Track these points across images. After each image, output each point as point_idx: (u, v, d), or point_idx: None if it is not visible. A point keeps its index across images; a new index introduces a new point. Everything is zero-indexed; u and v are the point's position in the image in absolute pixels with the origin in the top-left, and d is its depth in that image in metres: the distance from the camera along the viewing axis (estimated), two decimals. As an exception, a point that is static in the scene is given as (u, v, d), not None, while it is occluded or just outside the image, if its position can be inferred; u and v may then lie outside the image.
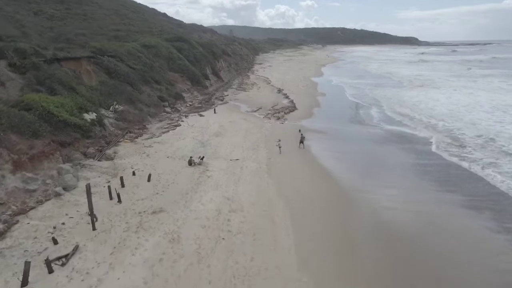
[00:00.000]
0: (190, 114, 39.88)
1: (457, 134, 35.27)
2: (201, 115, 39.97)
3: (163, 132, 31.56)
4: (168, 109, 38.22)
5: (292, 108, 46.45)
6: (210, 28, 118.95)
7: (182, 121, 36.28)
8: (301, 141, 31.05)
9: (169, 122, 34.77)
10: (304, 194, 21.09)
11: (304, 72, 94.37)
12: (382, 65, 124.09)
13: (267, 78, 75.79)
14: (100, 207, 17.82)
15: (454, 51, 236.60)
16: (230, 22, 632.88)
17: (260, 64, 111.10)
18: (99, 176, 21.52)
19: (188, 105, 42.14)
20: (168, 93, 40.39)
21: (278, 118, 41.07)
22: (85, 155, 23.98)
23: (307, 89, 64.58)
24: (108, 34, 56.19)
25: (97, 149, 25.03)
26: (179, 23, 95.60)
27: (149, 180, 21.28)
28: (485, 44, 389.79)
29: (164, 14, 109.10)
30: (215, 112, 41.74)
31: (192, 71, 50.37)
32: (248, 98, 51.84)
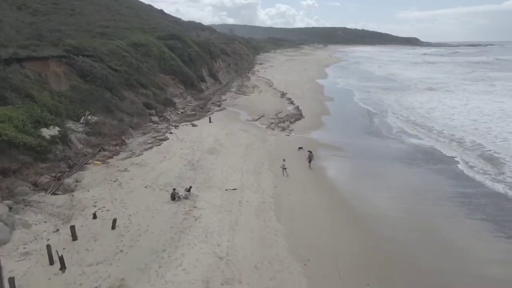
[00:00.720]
0: (181, 124, 34.09)
1: (492, 153, 29.38)
2: (194, 125, 34.17)
3: (146, 149, 25.72)
4: (155, 118, 32.39)
5: (299, 116, 40.64)
6: (209, 26, 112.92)
7: (171, 133, 30.46)
8: (309, 160, 25.37)
9: (155, 135, 28.95)
10: (325, 247, 15.32)
11: (307, 73, 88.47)
12: (387, 66, 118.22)
13: (269, 80, 69.89)
14: (32, 280, 12.01)
15: (456, 52, 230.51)
16: (231, 21, 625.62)
17: (261, 64, 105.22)
18: (45, 221, 15.67)
19: (179, 112, 36.32)
20: (156, 99, 34.57)
21: (283, 129, 35.26)
22: (36, 185, 18.13)
23: (313, 93, 58.75)
24: (94, 31, 50.29)
25: (54, 176, 19.19)
26: (176, 20, 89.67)
27: (113, 227, 15.44)
28: (485, 45, 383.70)
29: (161, 11, 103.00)
30: (210, 121, 35.94)
31: (186, 73, 44.52)
32: (249, 103, 45.99)
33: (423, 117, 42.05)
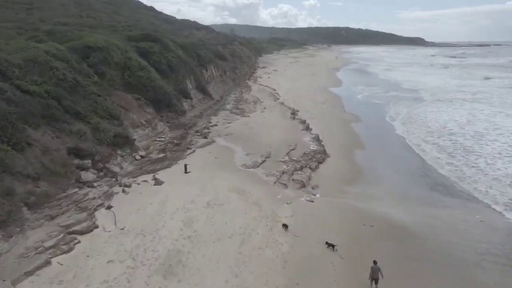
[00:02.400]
0: (137, 180, 20.44)
1: None
2: (157, 182, 20.47)
3: (28, 273, 11.99)
4: (89, 175, 18.78)
5: (321, 154, 26.84)
6: (207, 26, 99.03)
7: (109, 207, 16.82)
8: (373, 279, 12.67)
9: (72, 219, 15.21)
10: None
11: (318, 79, 74.46)
12: (401, 70, 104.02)
13: (274, 90, 55.95)
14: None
15: (463, 53, 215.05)
16: (232, 21, 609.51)
17: (264, 68, 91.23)
18: None
19: (139, 156, 22.66)
20: (99, 138, 20.93)
21: (302, 185, 21.48)
22: None
23: (331, 109, 44.91)
24: (41, 29, 36.59)
25: None
26: (166, 18, 75.95)
27: None
28: (490, 45, 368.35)
29: (151, 8, 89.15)
30: (186, 171, 22.24)
31: (160, 88, 30.69)
32: (248, 130, 32.12)
33: (493, 158, 28.13)
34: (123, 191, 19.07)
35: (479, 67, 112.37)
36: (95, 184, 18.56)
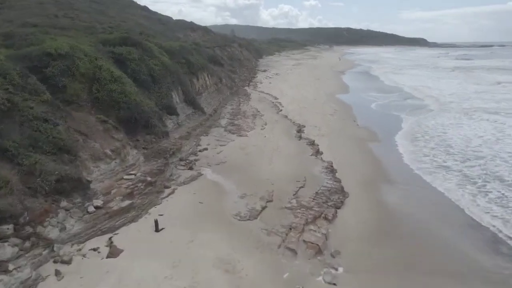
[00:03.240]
0: (86, 245, 14.25)
1: None
2: (111, 249, 14.27)
3: None
4: (7, 248, 12.60)
5: (338, 194, 20.52)
6: (205, 26, 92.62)
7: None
8: None
9: None
10: None
11: (323, 84, 68.11)
12: (409, 73, 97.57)
13: (276, 98, 49.61)
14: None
15: (465, 54, 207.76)
16: (233, 21, 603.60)
17: (265, 71, 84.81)
18: None
19: (93, 207, 16.47)
20: (32, 185, 14.67)
21: (317, 252, 15.20)
22: None
23: (342, 123, 38.50)
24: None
25: None
26: (160, 19, 69.64)
27: None
28: (493, 46, 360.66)
29: (144, 7, 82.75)
30: (157, 229, 16.00)
31: (137, 105, 24.42)
32: (245, 157, 25.74)
33: None
34: (56, 273, 12.79)
35: (488, 70, 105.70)
36: (11, 267, 12.26)
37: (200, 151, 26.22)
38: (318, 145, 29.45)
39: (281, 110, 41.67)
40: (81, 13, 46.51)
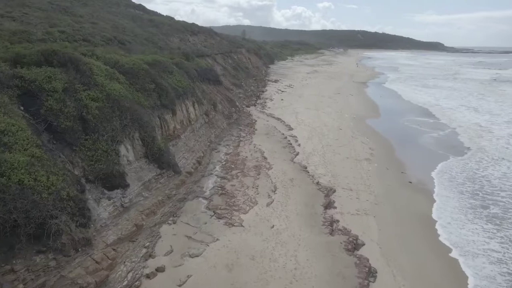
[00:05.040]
0: None
1: None
2: None
3: None
4: None
5: None
6: (209, 28, 79.95)
7: None
8: None
9: None
10: None
11: (346, 103, 55.13)
12: (445, 87, 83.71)
13: (290, 128, 36.75)
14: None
15: (480, 61, 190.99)
16: (246, 22, 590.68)
17: (276, 81, 71.86)
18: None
19: None
20: None
21: None
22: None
23: (386, 179, 25.51)
24: None
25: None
26: (152, 19, 57.22)
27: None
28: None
29: (139, 6, 70.50)
30: None
31: (20, 195, 12.11)
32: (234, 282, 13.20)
33: None
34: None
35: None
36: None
37: (147, 276, 13.57)
38: (363, 243, 16.71)
39: (297, 154, 28.74)
40: (33, 11, 34.30)
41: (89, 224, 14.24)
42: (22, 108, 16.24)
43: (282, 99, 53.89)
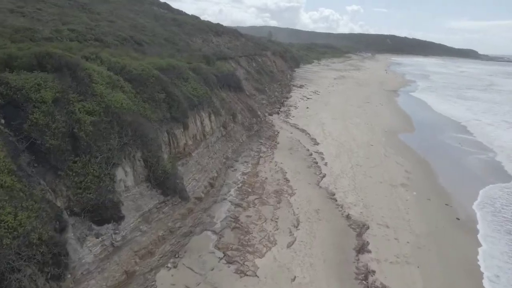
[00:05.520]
0: None
1: None
2: None
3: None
4: None
5: None
6: (234, 29, 77.08)
7: None
8: None
9: None
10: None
11: (376, 113, 51.07)
12: (485, 99, 77.75)
13: (316, 143, 33.18)
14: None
15: None
16: (273, 23, 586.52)
17: (301, 87, 68.20)
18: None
19: None
20: None
21: None
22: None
23: (429, 211, 21.69)
24: None
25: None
26: (175, 18, 54.84)
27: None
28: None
29: (163, 4, 68.41)
30: None
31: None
32: None
33: None
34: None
35: None
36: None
37: None
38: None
39: (323, 176, 25.20)
40: (48, 6, 32.23)
41: (65, 275, 11.35)
42: (2, 121, 13.60)
43: (307, 107, 50.30)
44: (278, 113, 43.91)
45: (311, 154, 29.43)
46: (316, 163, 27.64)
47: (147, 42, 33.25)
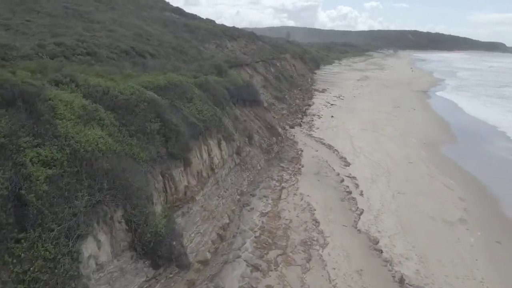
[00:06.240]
0: None
1: None
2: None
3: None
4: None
5: None
6: (250, 32, 72.46)
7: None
8: None
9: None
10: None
11: (409, 120, 45.47)
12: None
13: (346, 164, 27.99)
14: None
15: None
16: (290, 23, 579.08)
17: (323, 91, 62.95)
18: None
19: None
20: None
21: None
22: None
23: (500, 271, 16.37)
24: None
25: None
26: (187, 24, 50.83)
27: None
28: None
29: (177, 9, 64.67)
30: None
31: None
32: None
33: None
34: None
35: None
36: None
37: None
38: None
39: (361, 213, 20.18)
40: (40, 17, 28.59)
41: None
42: None
43: (332, 116, 45.16)
44: (300, 125, 39.04)
45: (342, 180, 24.46)
46: (350, 193, 22.66)
47: (150, 53, 29.14)
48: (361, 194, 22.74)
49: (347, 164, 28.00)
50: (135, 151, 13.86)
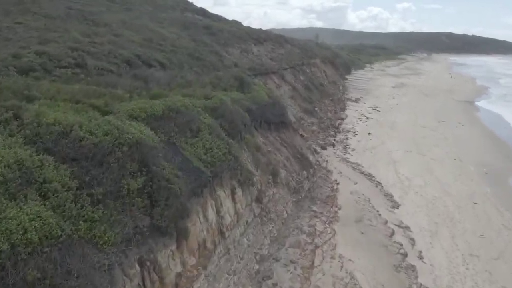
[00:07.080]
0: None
1: None
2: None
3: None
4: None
5: None
6: (279, 35, 66.78)
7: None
8: None
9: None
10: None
11: (458, 139, 38.71)
12: None
13: (390, 195, 22.02)
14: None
15: None
16: (319, 24, 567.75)
17: (357, 101, 56.57)
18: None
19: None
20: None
21: None
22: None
23: None
24: None
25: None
26: (208, 26, 46.03)
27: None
28: None
29: (200, 10, 60.06)
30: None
31: None
32: None
33: None
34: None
35: None
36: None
37: None
38: None
39: (425, 294, 14.48)
40: (35, 19, 24.38)
41: None
42: None
43: (369, 133, 39.06)
44: (333, 145, 33.27)
45: (392, 234, 18.68)
46: (405, 255, 16.90)
47: (160, 61, 24.35)
48: (420, 257, 16.94)
49: (395, 206, 22.12)
50: (97, 230, 8.81)
